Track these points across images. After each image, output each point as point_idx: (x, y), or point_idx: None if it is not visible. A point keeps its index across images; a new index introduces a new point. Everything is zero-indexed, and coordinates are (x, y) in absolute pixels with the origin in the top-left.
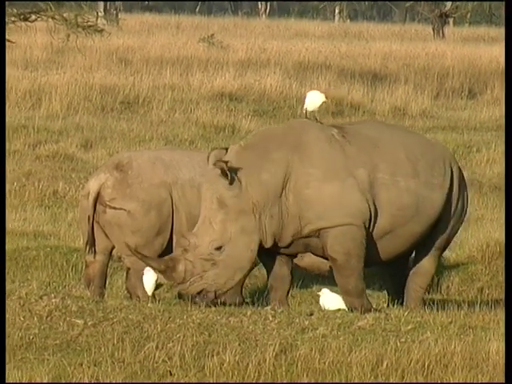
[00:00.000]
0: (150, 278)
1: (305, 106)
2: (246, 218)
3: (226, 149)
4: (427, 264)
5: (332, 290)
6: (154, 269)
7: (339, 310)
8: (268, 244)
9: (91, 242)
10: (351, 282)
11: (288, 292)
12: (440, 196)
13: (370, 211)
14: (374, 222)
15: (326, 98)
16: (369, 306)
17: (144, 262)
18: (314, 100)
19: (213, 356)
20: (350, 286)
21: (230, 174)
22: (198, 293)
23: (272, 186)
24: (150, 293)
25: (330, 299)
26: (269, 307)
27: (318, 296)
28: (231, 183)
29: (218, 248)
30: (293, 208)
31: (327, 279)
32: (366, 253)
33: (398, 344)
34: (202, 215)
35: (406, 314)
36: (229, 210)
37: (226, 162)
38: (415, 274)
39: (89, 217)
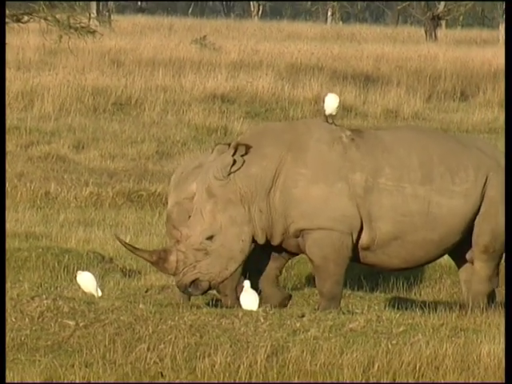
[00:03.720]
0: None
1: (324, 109)
2: (234, 208)
3: (229, 144)
4: (477, 266)
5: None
6: (146, 260)
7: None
8: (260, 239)
9: None
10: (326, 285)
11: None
12: (463, 204)
13: (361, 217)
14: (374, 227)
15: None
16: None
17: (135, 254)
18: (330, 103)
19: (204, 358)
20: (324, 289)
21: (238, 162)
22: (191, 283)
23: (260, 180)
24: None
25: (246, 296)
26: (261, 309)
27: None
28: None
29: (209, 238)
30: (279, 206)
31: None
32: (378, 258)
33: (390, 346)
34: (194, 207)
35: (397, 316)
36: (217, 199)
37: (240, 150)
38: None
39: None
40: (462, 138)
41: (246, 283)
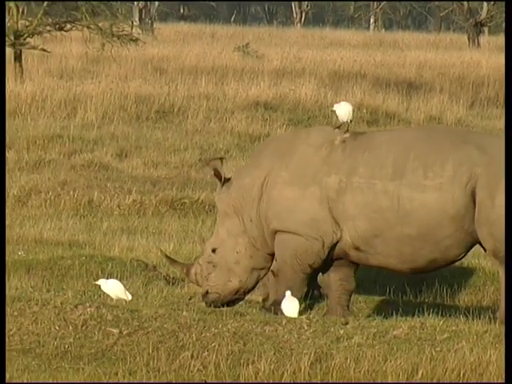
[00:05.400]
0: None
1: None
2: (230, 221)
3: (221, 158)
4: (500, 273)
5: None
6: (180, 273)
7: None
8: (259, 247)
9: None
10: (280, 289)
11: (342, 299)
12: (437, 198)
13: (335, 219)
14: (353, 226)
15: (353, 108)
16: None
17: (172, 266)
18: (341, 111)
19: (248, 365)
20: (278, 292)
21: (222, 176)
22: (205, 295)
23: (248, 189)
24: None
25: (287, 304)
26: (304, 316)
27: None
28: (222, 185)
29: (213, 250)
30: (264, 209)
31: (361, 288)
32: (375, 258)
33: (434, 353)
34: None
35: (441, 323)
36: (219, 213)
37: (217, 165)
38: None
39: None
40: (467, 135)
41: (287, 292)
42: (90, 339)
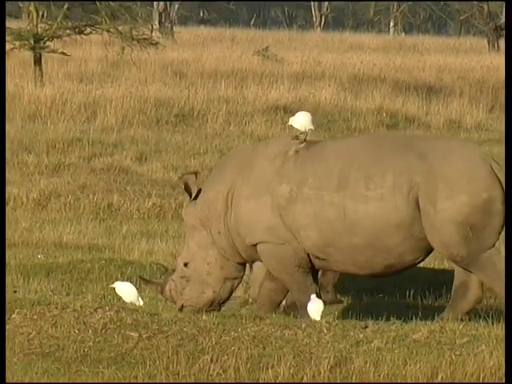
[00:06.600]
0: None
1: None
2: (198, 234)
3: (196, 173)
4: (476, 274)
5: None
6: (156, 292)
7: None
8: (229, 258)
9: None
10: (293, 293)
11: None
12: (379, 208)
13: (289, 227)
14: (306, 236)
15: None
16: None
17: (146, 286)
18: (298, 122)
19: (267, 369)
20: (294, 297)
21: (192, 190)
22: (180, 309)
23: (212, 203)
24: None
25: (313, 305)
26: (324, 320)
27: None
28: (193, 199)
29: (185, 264)
30: (233, 224)
31: (381, 291)
32: (337, 266)
33: (453, 357)
34: None
35: (460, 326)
36: (187, 227)
37: (189, 179)
38: None
39: None
40: (411, 142)
41: (313, 294)
42: (109, 343)
